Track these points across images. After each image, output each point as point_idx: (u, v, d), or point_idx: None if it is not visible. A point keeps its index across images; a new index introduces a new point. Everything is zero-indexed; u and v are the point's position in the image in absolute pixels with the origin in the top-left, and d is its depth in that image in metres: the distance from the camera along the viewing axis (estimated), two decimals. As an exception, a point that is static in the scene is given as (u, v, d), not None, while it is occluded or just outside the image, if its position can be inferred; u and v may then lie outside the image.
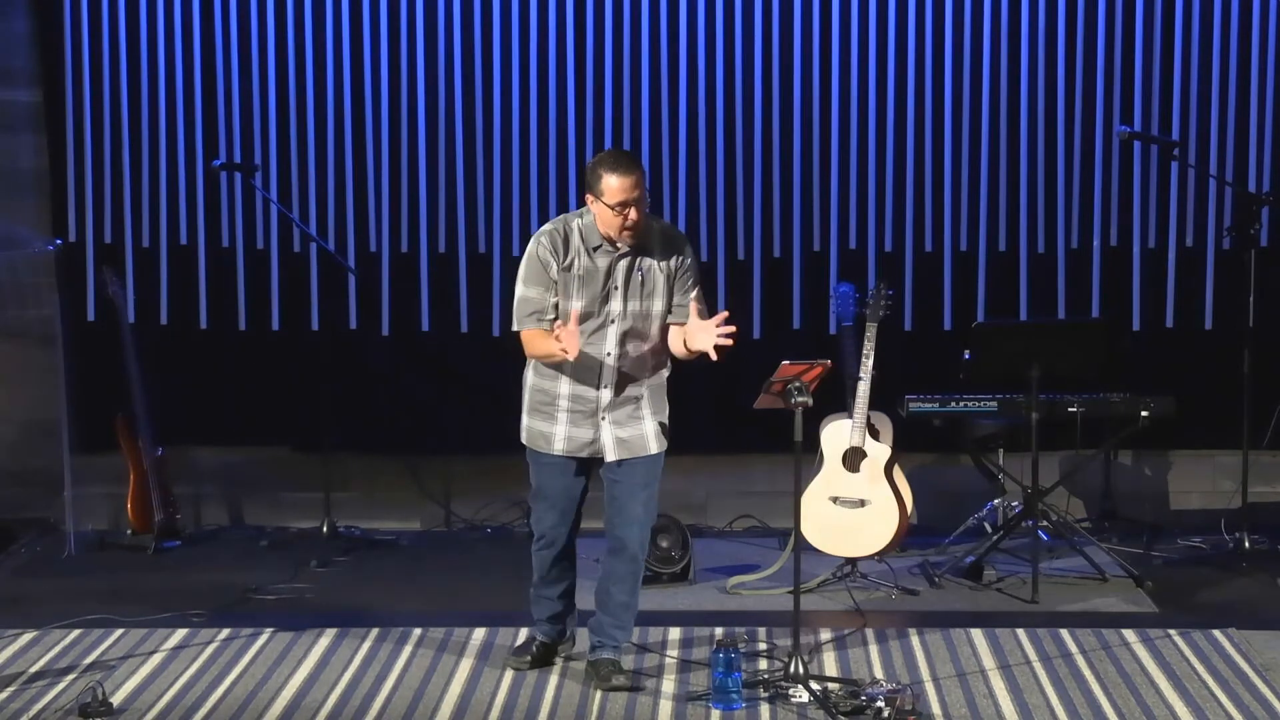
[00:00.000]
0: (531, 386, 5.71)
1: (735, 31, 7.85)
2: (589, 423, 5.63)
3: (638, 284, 5.56)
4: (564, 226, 5.57)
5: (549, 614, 5.88)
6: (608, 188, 5.42)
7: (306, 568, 7.33)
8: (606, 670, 5.68)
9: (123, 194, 8.00)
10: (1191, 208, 7.91)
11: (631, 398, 5.63)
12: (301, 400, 7.89)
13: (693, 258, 5.67)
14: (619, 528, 5.69)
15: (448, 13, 7.89)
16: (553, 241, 5.54)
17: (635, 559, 5.71)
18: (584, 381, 5.59)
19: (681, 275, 5.61)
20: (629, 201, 5.41)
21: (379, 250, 8.02)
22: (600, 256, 5.53)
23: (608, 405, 5.60)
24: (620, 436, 5.62)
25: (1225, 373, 7.39)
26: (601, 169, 5.45)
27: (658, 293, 5.58)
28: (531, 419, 5.71)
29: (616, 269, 5.54)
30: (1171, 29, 7.81)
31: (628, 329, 5.58)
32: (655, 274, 5.57)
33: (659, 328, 5.63)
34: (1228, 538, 7.40)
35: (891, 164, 7.91)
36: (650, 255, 5.57)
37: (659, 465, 5.72)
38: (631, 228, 5.45)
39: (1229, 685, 5.69)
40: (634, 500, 5.67)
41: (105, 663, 6.00)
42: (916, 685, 5.67)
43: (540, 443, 5.68)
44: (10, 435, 8.11)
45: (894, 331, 7.57)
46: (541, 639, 5.90)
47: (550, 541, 5.75)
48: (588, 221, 5.55)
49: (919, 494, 7.18)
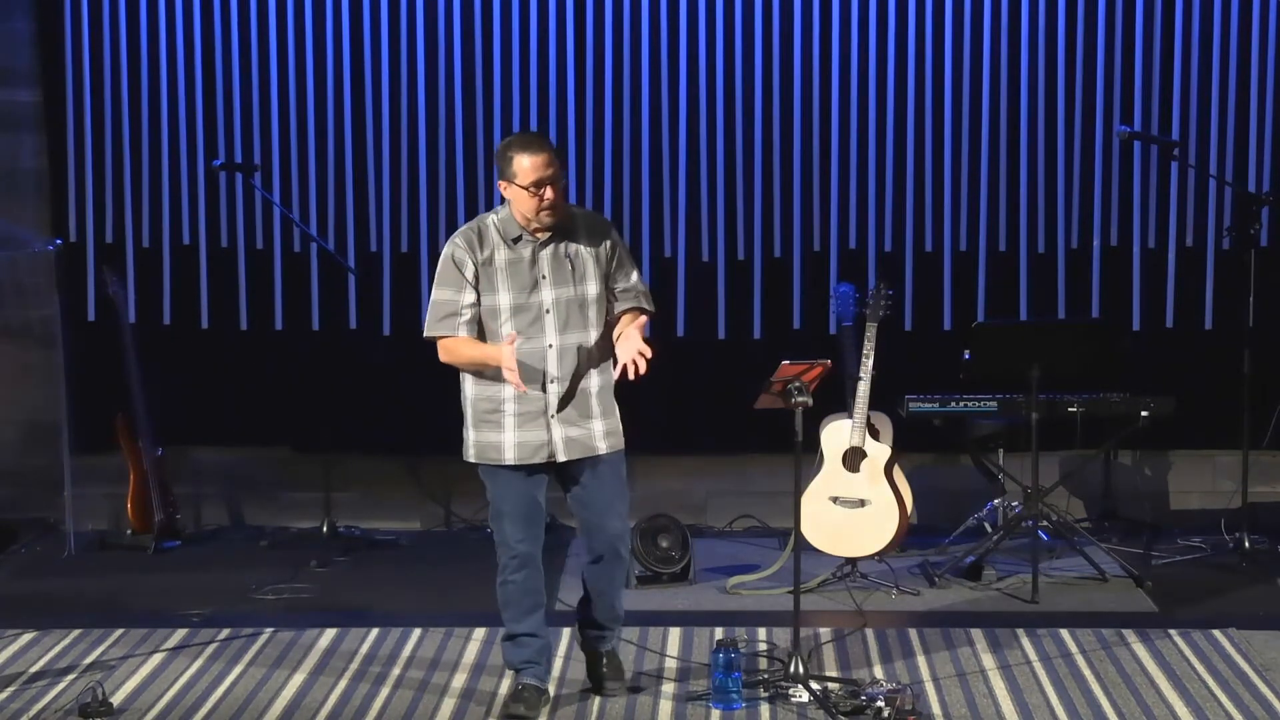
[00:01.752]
0: (473, 397, 5.47)
1: (735, 31, 7.85)
2: (538, 424, 5.39)
3: (566, 271, 5.36)
4: (478, 224, 5.40)
5: (533, 652, 5.54)
6: (520, 168, 5.26)
7: (306, 568, 7.33)
8: (602, 672, 5.63)
9: (123, 194, 8.00)
10: (1191, 208, 7.91)
11: (580, 392, 5.40)
12: (301, 400, 7.90)
13: (619, 240, 5.49)
14: (603, 544, 5.49)
15: (448, 13, 7.89)
16: (467, 240, 5.35)
17: (621, 558, 5.54)
18: (529, 380, 5.33)
19: (611, 257, 5.43)
20: (543, 180, 5.23)
21: (379, 250, 8.02)
22: (523, 247, 5.34)
23: (556, 403, 5.37)
24: (570, 435, 5.39)
25: (1225, 373, 7.39)
26: (511, 150, 5.30)
27: (589, 277, 5.38)
28: (478, 432, 5.45)
29: (541, 258, 5.34)
30: (1171, 29, 7.81)
31: (565, 319, 5.36)
32: (583, 258, 5.38)
33: (597, 314, 5.41)
34: (1228, 538, 7.40)
35: (891, 164, 7.91)
36: (575, 241, 5.38)
37: (620, 465, 5.51)
38: (550, 208, 5.27)
39: (1229, 685, 5.69)
40: (612, 512, 5.48)
41: (105, 663, 6.00)
42: (916, 685, 5.67)
43: (491, 454, 5.42)
44: (10, 435, 8.11)
45: (894, 331, 7.56)
46: (532, 682, 5.52)
47: (523, 561, 5.43)
48: (503, 215, 5.38)
49: (919, 494, 7.19)
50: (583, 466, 5.46)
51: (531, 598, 5.49)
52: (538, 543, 5.48)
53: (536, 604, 5.52)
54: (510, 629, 5.53)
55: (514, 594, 5.48)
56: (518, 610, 5.49)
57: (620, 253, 5.48)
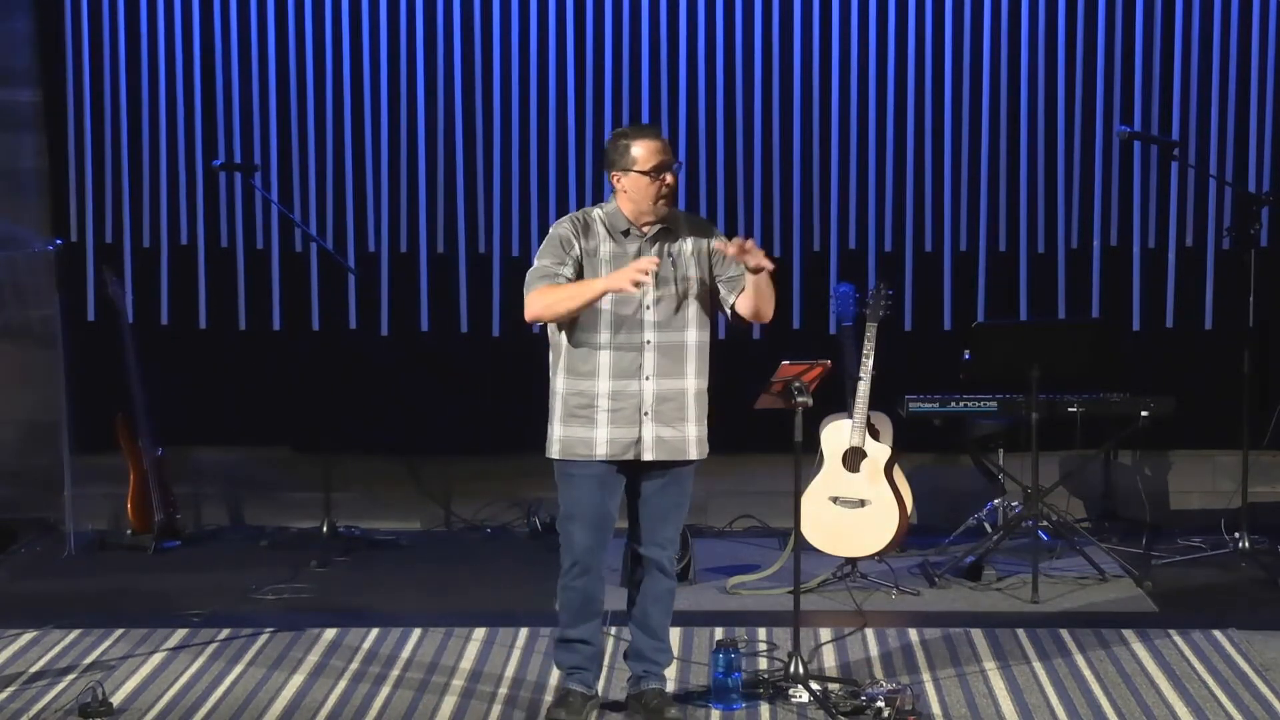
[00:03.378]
0: (565, 392, 5.31)
1: (735, 31, 7.85)
2: (631, 421, 5.26)
3: (669, 269, 5.27)
4: (584, 216, 5.34)
5: (583, 658, 5.42)
6: (639, 155, 5.20)
7: (306, 568, 7.33)
8: (657, 702, 5.39)
9: (123, 194, 8.00)
10: (1191, 208, 7.91)
11: (676, 392, 5.29)
12: (301, 400, 7.89)
13: (723, 238, 5.39)
14: (654, 548, 5.38)
15: (447, 13, 7.89)
16: (574, 224, 5.27)
17: (671, 576, 5.45)
18: (625, 375, 5.24)
19: (716, 253, 5.34)
20: (662, 165, 5.20)
21: (379, 250, 8.02)
22: (629, 242, 5.27)
23: (652, 400, 5.26)
24: (662, 436, 5.27)
25: (1225, 373, 7.39)
26: (627, 139, 5.26)
27: (691, 277, 5.30)
28: (567, 427, 5.29)
29: (646, 253, 5.25)
30: (1171, 29, 7.82)
31: (665, 316, 5.27)
32: (686, 257, 5.30)
33: (698, 314, 5.32)
34: (1228, 538, 7.39)
35: (891, 164, 7.91)
36: (679, 238, 5.31)
37: (691, 480, 5.40)
38: (668, 195, 5.23)
39: (1229, 685, 5.69)
40: (670, 520, 5.40)
41: (105, 663, 5.99)
42: (916, 685, 5.67)
43: (579, 450, 5.27)
44: (10, 435, 8.11)
45: (894, 331, 7.56)
46: (578, 689, 5.41)
47: (585, 568, 5.31)
48: (610, 209, 5.32)
49: (919, 494, 7.19)
50: (663, 468, 5.35)
51: (590, 605, 5.39)
52: (603, 551, 5.37)
53: (594, 611, 5.41)
54: (564, 632, 5.43)
55: (573, 600, 5.38)
56: (574, 615, 5.39)
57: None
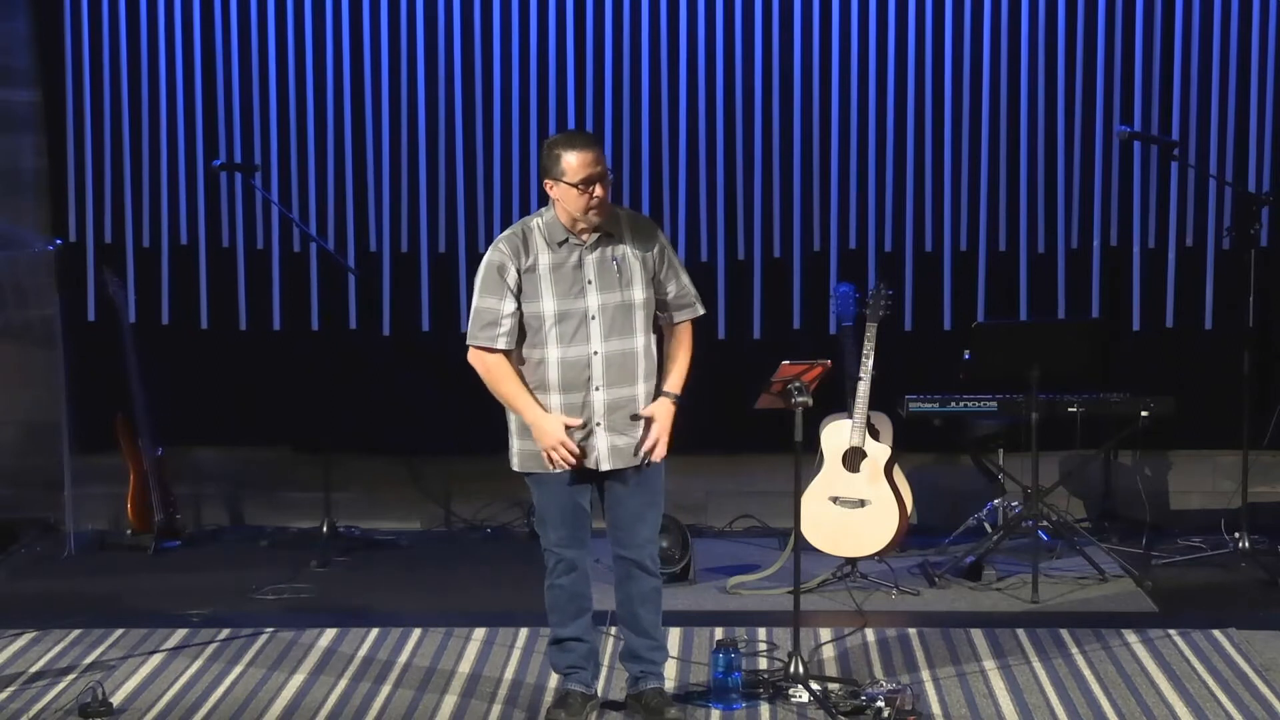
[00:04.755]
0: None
1: (735, 31, 7.85)
2: (585, 432, 5.25)
3: (613, 275, 5.22)
4: (522, 229, 5.28)
5: (578, 657, 5.43)
6: (569, 166, 5.13)
7: (306, 568, 7.33)
8: (656, 702, 5.38)
9: (123, 194, 8.00)
10: (1191, 208, 7.91)
11: (627, 399, 5.27)
12: (301, 400, 7.89)
13: (666, 242, 5.37)
14: (633, 549, 5.36)
15: (448, 13, 7.89)
16: (510, 246, 5.21)
17: (654, 574, 5.43)
18: (574, 389, 5.23)
19: (660, 261, 5.28)
20: (593, 177, 5.11)
21: (379, 250, 8.02)
22: (568, 250, 5.21)
23: (604, 410, 5.25)
24: (616, 444, 5.26)
25: (1225, 373, 7.38)
26: (559, 148, 5.19)
27: (636, 282, 5.24)
28: (522, 440, 5.31)
29: (587, 262, 5.21)
30: (1171, 29, 7.81)
31: (611, 324, 5.23)
32: (630, 262, 5.24)
33: (644, 320, 5.29)
34: (1228, 538, 7.39)
35: (891, 164, 7.91)
36: (621, 243, 5.25)
37: (659, 475, 5.37)
38: (598, 206, 5.14)
39: (1229, 685, 5.69)
40: (646, 520, 5.38)
41: (105, 663, 6.00)
42: (916, 685, 5.67)
43: (534, 464, 5.29)
44: (10, 435, 8.11)
45: (894, 331, 7.56)
46: (578, 689, 5.41)
47: (570, 565, 5.33)
48: (548, 218, 5.26)
49: (919, 494, 7.19)
50: (625, 473, 5.34)
51: (577, 602, 5.39)
52: (583, 546, 5.38)
53: (582, 608, 5.41)
54: (556, 633, 5.43)
55: (560, 598, 5.39)
56: (563, 614, 5.40)
57: (668, 255, 5.34)
